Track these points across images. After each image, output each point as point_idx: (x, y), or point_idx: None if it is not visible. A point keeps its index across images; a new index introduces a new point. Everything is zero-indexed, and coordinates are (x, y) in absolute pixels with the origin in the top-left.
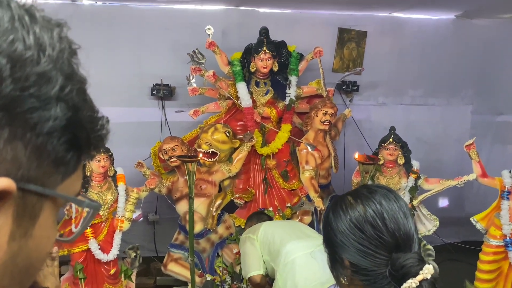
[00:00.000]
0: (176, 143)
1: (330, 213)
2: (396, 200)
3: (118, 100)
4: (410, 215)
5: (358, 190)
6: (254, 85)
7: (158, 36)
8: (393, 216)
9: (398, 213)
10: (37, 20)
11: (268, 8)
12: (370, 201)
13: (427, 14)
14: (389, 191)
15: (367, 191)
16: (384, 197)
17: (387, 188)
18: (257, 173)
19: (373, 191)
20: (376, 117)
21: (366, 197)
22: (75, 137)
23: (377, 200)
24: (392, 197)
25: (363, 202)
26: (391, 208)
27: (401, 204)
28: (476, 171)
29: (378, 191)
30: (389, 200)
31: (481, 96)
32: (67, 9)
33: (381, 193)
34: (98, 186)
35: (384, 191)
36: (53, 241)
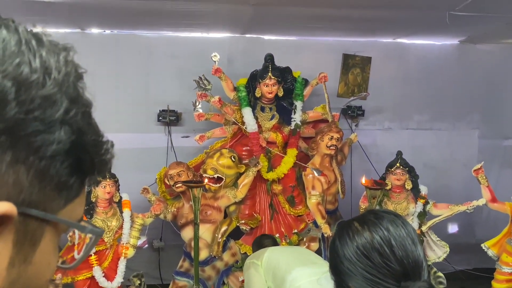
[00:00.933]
0: (182, 169)
1: (337, 240)
2: (404, 226)
3: (125, 126)
4: (418, 241)
5: (365, 216)
6: (259, 110)
7: (165, 63)
8: (401, 243)
9: (406, 239)
10: (44, 43)
11: (273, 36)
12: (377, 227)
13: (430, 40)
14: (396, 217)
15: (374, 217)
16: (392, 223)
17: (395, 213)
18: (263, 199)
19: (380, 217)
20: (382, 142)
21: (373, 223)
22: (78, 161)
23: (384, 226)
24: (399, 223)
25: (370, 228)
26: (399, 234)
27: (409, 230)
28: (486, 196)
29: (386, 216)
30: (397, 226)
31: (487, 120)
32: (76, 37)
33: (389, 219)
34: (103, 212)
35: (391, 217)
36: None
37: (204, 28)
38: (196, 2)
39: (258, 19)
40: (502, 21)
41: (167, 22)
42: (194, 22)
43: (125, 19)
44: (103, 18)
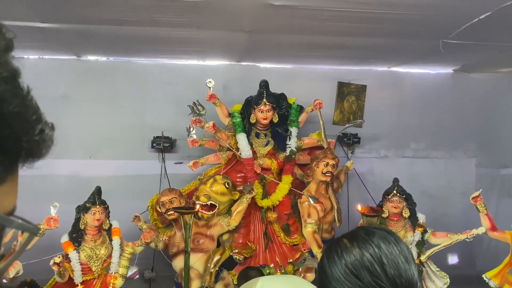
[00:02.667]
0: (174, 195)
1: (324, 258)
2: (397, 243)
3: (118, 153)
4: (412, 260)
5: (354, 232)
6: (254, 136)
7: (161, 90)
8: (393, 261)
9: (399, 257)
10: None
11: (268, 64)
12: (367, 244)
13: (425, 69)
14: (388, 233)
15: (364, 233)
16: (383, 240)
17: (386, 230)
18: (257, 227)
19: (371, 233)
20: (379, 169)
21: (363, 240)
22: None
23: (375, 243)
24: (392, 240)
25: (360, 245)
26: (391, 251)
27: (402, 247)
28: (485, 225)
29: (377, 232)
30: (389, 243)
31: (484, 149)
32: (72, 64)
33: (380, 235)
34: (92, 240)
35: (383, 233)
36: None
37: (201, 55)
38: (191, 29)
39: (254, 47)
40: (495, 50)
41: (163, 49)
42: (190, 49)
43: (121, 46)
44: (99, 45)
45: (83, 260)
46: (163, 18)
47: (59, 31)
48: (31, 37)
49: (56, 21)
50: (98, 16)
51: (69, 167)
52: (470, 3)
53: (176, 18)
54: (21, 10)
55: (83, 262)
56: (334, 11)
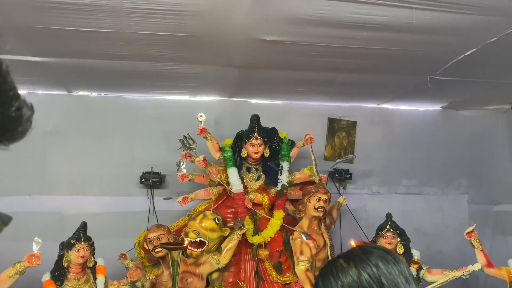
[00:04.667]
0: (162, 232)
1: (319, 280)
2: (396, 263)
3: (106, 189)
4: (413, 280)
5: (351, 251)
6: (245, 171)
7: (151, 125)
8: (392, 281)
9: (399, 277)
10: None
11: (259, 99)
12: (365, 263)
13: (414, 106)
14: (387, 252)
15: (361, 252)
16: (382, 259)
17: (384, 249)
18: (248, 265)
19: (368, 252)
20: (372, 206)
21: (360, 259)
22: None
23: (373, 262)
24: (390, 259)
25: (357, 265)
26: (390, 271)
27: (401, 267)
28: (481, 261)
29: (374, 251)
30: (388, 262)
31: (475, 185)
32: (63, 99)
33: (378, 254)
34: (75, 279)
35: (381, 252)
36: None
37: (192, 91)
38: (183, 64)
39: (245, 82)
40: (481, 87)
41: (154, 84)
42: (181, 84)
43: (113, 81)
44: (90, 80)
45: None
46: (155, 52)
47: (50, 65)
48: (22, 71)
49: (48, 54)
50: (89, 50)
51: (55, 204)
52: (456, 40)
53: (167, 53)
54: (12, 43)
55: None
56: (324, 47)
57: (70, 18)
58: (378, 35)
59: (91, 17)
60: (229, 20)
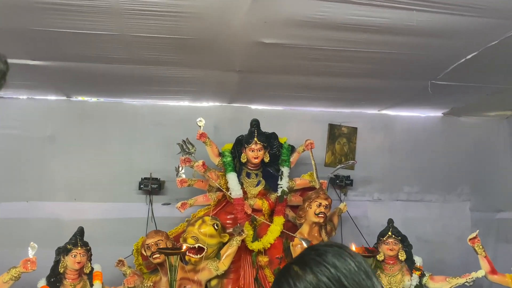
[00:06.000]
0: (160, 238)
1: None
2: (353, 258)
3: (104, 195)
4: (372, 273)
5: (304, 255)
6: (245, 176)
7: (150, 131)
8: (353, 280)
9: (359, 274)
10: None
11: (259, 105)
12: (321, 266)
13: (415, 112)
14: (341, 248)
15: (315, 254)
16: (338, 257)
17: (338, 244)
18: (247, 272)
19: (322, 253)
20: (373, 213)
21: (315, 263)
22: None
23: (329, 262)
24: (347, 255)
25: (313, 269)
26: (348, 269)
27: (359, 261)
28: (484, 267)
29: (329, 250)
30: (344, 259)
31: (478, 192)
32: (61, 105)
33: (334, 253)
34: (71, 285)
35: (335, 250)
36: None
37: (191, 96)
38: (182, 68)
39: (244, 87)
40: (482, 92)
41: (153, 89)
42: (181, 89)
43: (111, 86)
44: (89, 85)
45: None
46: (153, 56)
47: (49, 69)
48: (21, 75)
49: (46, 58)
50: (88, 53)
51: (53, 210)
52: (456, 43)
53: (166, 56)
54: (11, 47)
55: None
56: (324, 50)
57: (67, 19)
58: (379, 38)
59: (88, 19)
60: (228, 22)
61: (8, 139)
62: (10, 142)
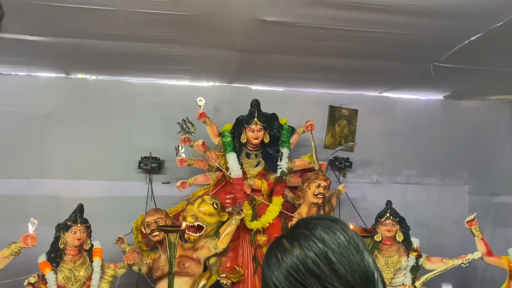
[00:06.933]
0: (160, 216)
1: (265, 265)
2: (343, 231)
3: (104, 173)
4: (364, 247)
5: (294, 229)
6: (244, 157)
7: (150, 110)
8: (342, 255)
9: (349, 248)
10: None
11: (260, 86)
12: (309, 240)
13: (416, 95)
14: (332, 221)
15: (304, 228)
16: (327, 231)
17: (331, 218)
18: (246, 251)
19: (312, 226)
20: (371, 195)
21: (304, 237)
22: None
23: (318, 236)
24: (337, 228)
25: (301, 243)
26: (337, 243)
27: (350, 235)
28: (481, 249)
29: (319, 223)
30: (334, 233)
31: (476, 176)
32: (60, 82)
33: (323, 226)
34: (71, 261)
35: (326, 223)
36: None
37: (191, 75)
38: (182, 46)
39: (245, 67)
40: (485, 75)
41: (153, 67)
42: (181, 67)
43: (111, 64)
44: (88, 62)
45: (60, 281)
46: (153, 33)
47: (48, 45)
48: (20, 51)
49: (45, 34)
50: (87, 29)
51: (52, 187)
52: (461, 24)
53: (166, 34)
54: (9, 22)
55: (61, 284)
56: (326, 29)
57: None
58: (382, 17)
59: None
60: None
61: (7, 116)
62: (9, 119)
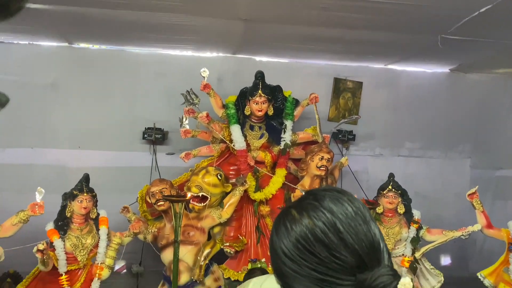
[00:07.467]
0: (165, 186)
1: (274, 234)
2: (351, 202)
3: (108, 144)
4: (371, 218)
5: (303, 199)
6: (248, 129)
7: (153, 81)
8: (349, 225)
9: (356, 219)
10: None
11: (264, 57)
12: (318, 211)
13: (421, 67)
14: (340, 193)
15: (313, 199)
16: (335, 202)
17: (338, 189)
18: (249, 221)
19: (320, 197)
20: (373, 168)
21: (312, 207)
22: None
23: (326, 207)
24: (345, 199)
25: (310, 214)
26: (345, 214)
27: (357, 206)
28: (481, 222)
29: (327, 195)
30: (342, 204)
31: (479, 150)
32: (63, 51)
33: (331, 197)
34: (78, 229)
35: (334, 194)
36: None
37: (195, 45)
38: (186, 15)
39: (250, 37)
40: (493, 48)
41: (157, 37)
42: (184, 37)
43: (114, 33)
44: (91, 31)
45: (68, 249)
46: (157, 1)
47: (51, 13)
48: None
49: (48, 2)
50: None
51: (57, 157)
52: None
53: (170, 2)
54: None
55: (68, 251)
56: None
57: None
58: None
59: None
60: None
61: (10, 85)
62: (13, 88)
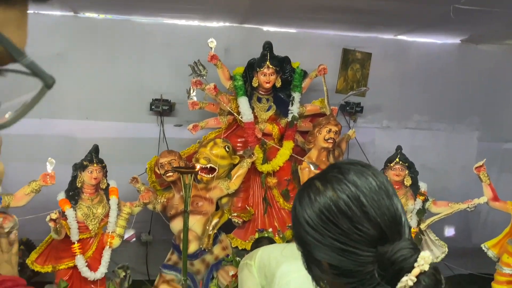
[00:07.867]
0: (174, 157)
1: (297, 204)
2: (375, 176)
3: (116, 115)
4: (394, 192)
5: (327, 172)
6: (256, 101)
7: (160, 51)
8: (373, 199)
9: (379, 193)
10: None
11: (272, 27)
12: (342, 183)
13: (432, 38)
14: (364, 167)
15: (337, 172)
16: (359, 176)
17: (362, 163)
18: (256, 192)
19: (345, 171)
20: (380, 140)
21: (337, 180)
22: None
23: (350, 180)
24: (369, 173)
25: (334, 186)
26: (369, 187)
27: (381, 180)
28: (487, 194)
29: (352, 168)
30: (366, 178)
31: (487, 122)
32: (69, 21)
33: (355, 171)
34: (89, 199)
35: (358, 168)
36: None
37: (202, 15)
38: None
39: (257, 7)
40: (506, 19)
41: (163, 7)
42: (191, 7)
43: (120, 2)
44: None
45: (80, 218)
46: None
47: None
48: None
49: None
50: None
51: (66, 127)
52: None
53: None
54: None
55: (80, 220)
56: None
57: None
58: None
59: None
60: None
61: None
62: None
